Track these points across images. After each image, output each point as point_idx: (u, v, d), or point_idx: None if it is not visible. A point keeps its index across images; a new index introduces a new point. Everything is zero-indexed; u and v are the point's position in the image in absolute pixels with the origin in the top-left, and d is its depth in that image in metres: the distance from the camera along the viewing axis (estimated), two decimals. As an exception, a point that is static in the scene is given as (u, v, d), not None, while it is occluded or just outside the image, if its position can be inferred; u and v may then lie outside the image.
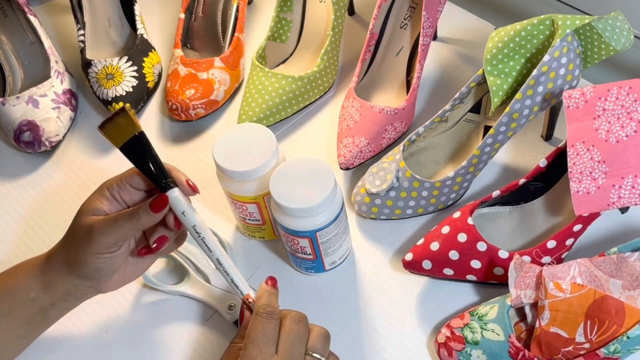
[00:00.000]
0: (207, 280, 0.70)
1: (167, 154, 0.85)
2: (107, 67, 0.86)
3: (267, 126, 0.82)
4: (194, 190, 0.59)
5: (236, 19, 0.90)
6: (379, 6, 0.82)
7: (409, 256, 0.67)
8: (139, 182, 0.59)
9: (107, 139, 0.58)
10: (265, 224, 0.71)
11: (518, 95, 0.68)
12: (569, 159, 0.62)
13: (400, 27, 0.85)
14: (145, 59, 0.88)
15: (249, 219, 0.71)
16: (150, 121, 0.88)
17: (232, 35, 0.89)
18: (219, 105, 0.86)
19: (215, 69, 0.85)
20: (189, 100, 0.83)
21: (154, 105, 0.90)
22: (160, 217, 0.58)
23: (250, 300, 0.58)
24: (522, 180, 0.68)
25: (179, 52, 0.87)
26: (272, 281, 0.59)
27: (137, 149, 0.58)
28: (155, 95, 0.91)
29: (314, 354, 0.54)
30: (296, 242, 0.66)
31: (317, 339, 0.55)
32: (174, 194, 0.57)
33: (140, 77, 0.87)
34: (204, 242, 0.58)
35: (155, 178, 0.58)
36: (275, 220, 0.66)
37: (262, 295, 0.57)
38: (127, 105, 0.84)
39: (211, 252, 0.58)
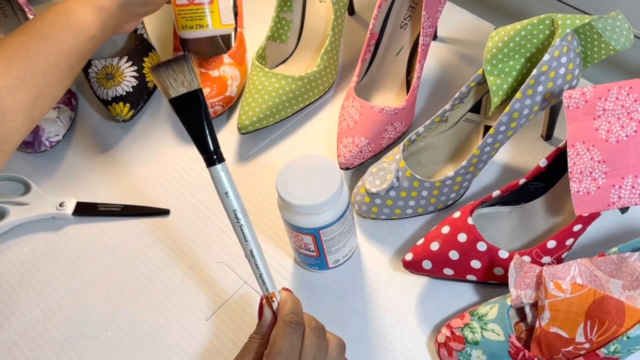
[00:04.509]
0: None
1: (168, 154, 0.85)
2: (107, 67, 0.86)
3: (267, 126, 0.82)
4: None
5: (235, 14, 0.90)
6: (379, 6, 0.82)
7: (409, 256, 0.67)
8: None
9: (158, 85, 0.53)
10: None
11: (518, 95, 0.68)
12: (569, 159, 0.62)
13: (400, 27, 0.85)
14: (145, 59, 0.88)
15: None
16: (150, 121, 0.88)
17: (235, 31, 0.89)
18: (233, 101, 0.86)
19: (225, 66, 0.85)
20: (206, 99, 0.82)
21: (154, 105, 0.90)
22: None
23: (273, 299, 0.56)
24: (522, 180, 0.68)
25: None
26: (289, 291, 0.58)
27: (193, 107, 0.51)
28: (155, 95, 0.91)
29: None
30: (300, 238, 0.66)
31: (335, 350, 0.55)
32: (218, 170, 0.53)
33: (140, 77, 0.87)
34: (241, 230, 0.55)
35: (203, 146, 0.53)
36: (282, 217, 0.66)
37: (287, 301, 0.56)
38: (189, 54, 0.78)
39: (246, 241, 0.55)
